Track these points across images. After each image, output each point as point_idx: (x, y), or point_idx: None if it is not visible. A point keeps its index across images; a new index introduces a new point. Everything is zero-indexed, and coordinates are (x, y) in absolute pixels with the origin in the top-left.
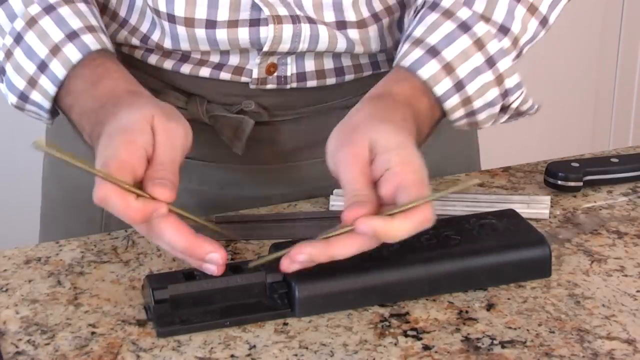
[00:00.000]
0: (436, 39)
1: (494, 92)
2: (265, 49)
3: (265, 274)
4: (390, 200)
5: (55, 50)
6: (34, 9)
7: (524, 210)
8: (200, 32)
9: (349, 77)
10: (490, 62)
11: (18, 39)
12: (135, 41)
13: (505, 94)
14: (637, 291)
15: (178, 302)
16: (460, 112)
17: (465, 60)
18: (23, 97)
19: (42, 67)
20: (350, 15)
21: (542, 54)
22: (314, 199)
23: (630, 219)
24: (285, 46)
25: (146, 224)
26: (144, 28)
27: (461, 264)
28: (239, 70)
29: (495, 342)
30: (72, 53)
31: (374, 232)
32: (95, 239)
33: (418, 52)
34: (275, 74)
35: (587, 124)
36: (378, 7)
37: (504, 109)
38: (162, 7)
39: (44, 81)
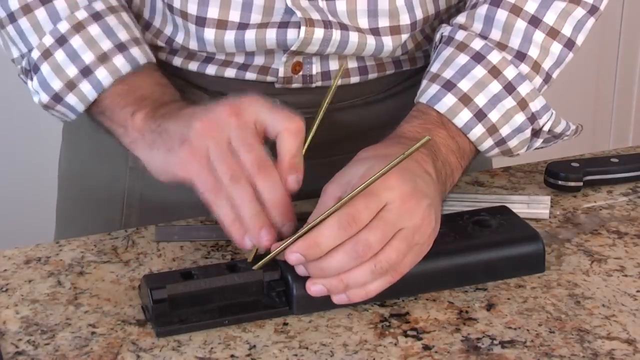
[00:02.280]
0: (451, 73)
1: (519, 118)
2: (293, 48)
3: (262, 272)
4: None
5: (103, 58)
6: (81, 14)
7: (523, 210)
8: (230, 35)
9: (372, 75)
10: (509, 87)
11: (61, 40)
12: (160, 43)
13: (532, 117)
14: (637, 291)
15: (176, 302)
16: (489, 142)
17: (483, 90)
18: (57, 98)
19: (86, 72)
20: (384, 22)
21: None
22: (313, 199)
23: (630, 219)
24: (313, 48)
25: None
26: (168, 31)
27: (456, 260)
28: (264, 69)
29: (495, 342)
30: (122, 64)
31: (301, 253)
32: (95, 239)
33: (435, 88)
34: (301, 72)
35: (587, 124)
36: (419, 15)
37: (535, 133)
38: (193, 11)
39: (84, 86)
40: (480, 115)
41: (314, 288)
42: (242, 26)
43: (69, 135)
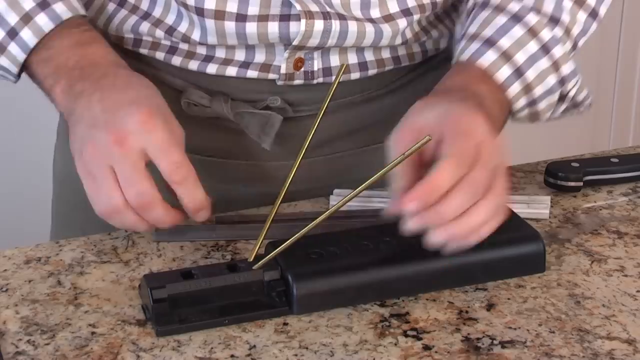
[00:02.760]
0: (491, 32)
1: (552, 79)
2: (295, 42)
3: (262, 272)
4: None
5: (26, 18)
6: None
7: (524, 210)
8: (230, 26)
9: (372, 71)
10: (545, 49)
11: None
12: (159, 33)
13: (562, 81)
14: (637, 291)
15: (176, 302)
16: (523, 101)
17: (521, 48)
18: None
19: (12, 34)
20: (375, 13)
21: None
22: (314, 199)
23: (630, 219)
24: (314, 41)
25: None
26: (170, 20)
27: (457, 260)
28: (266, 67)
29: (495, 342)
30: (44, 22)
31: (420, 200)
32: (95, 239)
33: (475, 45)
34: (302, 69)
35: (587, 124)
36: (411, 3)
37: (562, 98)
38: (191, 1)
39: (13, 48)
40: (518, 72)
41: (436, 237)
42: (241, 17)
43: (63, 135)
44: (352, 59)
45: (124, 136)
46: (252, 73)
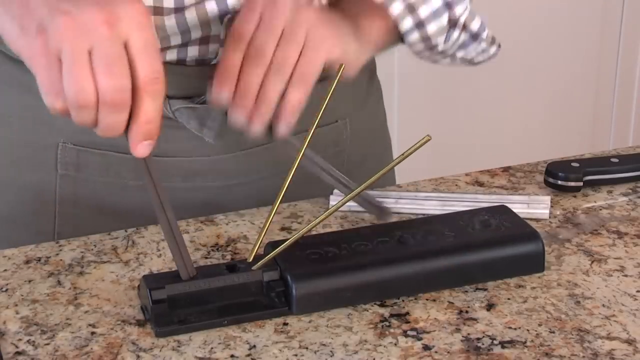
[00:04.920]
0: None
1: (436, 1)
2: (237, 6)
3: (262, 272)
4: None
5: None
6: None
7: (524, 210)
8: (170, 20)
9: None
10: None
11: None
12: None
13: (448, 4)
14: (637, 291)
15: (175, 302)
16: (409, 21)
17: None
18: None
19: None
20: None
21: (543, 54)
22: (313, 199)
23: (630, 219)
24: None
25: None
26: None
27: (456, 259)
28: (205, 39)
29: (495, 342)
30: None
31: (220, 85)
32: (95, 239)
33: None
34: None
35: (587, 124)
36: None
37: (453, 24)
38: None
39: None
40: None
41: (236, 116)
42: (179, 10)
43: None
44: None
45: (117, 18)
46: (192, 50)
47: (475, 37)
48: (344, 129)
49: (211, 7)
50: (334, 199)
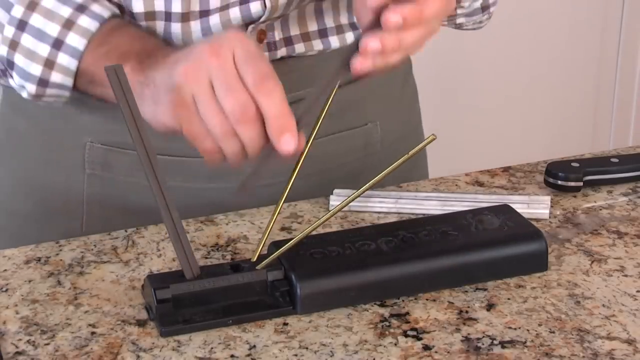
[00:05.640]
0: None
1: None
2: (263, 19)
3: (266, 272)
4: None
5: (68, 24)
6: None
7: (524, 211)
8: (195, 25)
9: (332, 38)
10: None
11: (21, 25)
12: None
13: None
14: (637, 291)
15: (180, 302)
16: None
17: None
18: (42, 82)
19: (57, 44)
20: None
21: (543, 53)
22: (313, 199)
23: (630, 219)
24: (279, 12)
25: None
26: None
27: (461, 259)
28: None
29: (495, 342)
30: (88, 23)
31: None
32: (95, 239)
33: None
34: (265, 40)
35: (587, 124)
36: None
37: None
38: (160, 7)
39: (62, 58)
40: None
41: (373, 44)
42: (204, 13)
43: (6, 143)
44: (312, 26)
45: (219, 46)
46: None
47: (484, 8)
48: (375, 131)
49: (235, 14)
50: (334, 199)
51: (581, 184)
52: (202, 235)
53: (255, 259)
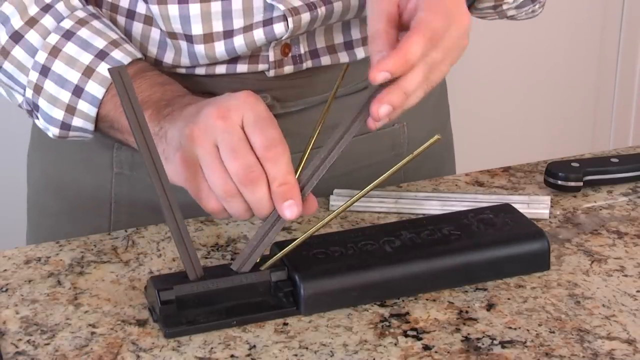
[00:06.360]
0: None
1: None
2: (285, 37)
3: (269, 272)
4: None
5: (88, 72)
6: (53, 38)
7: (524, 211)
8: (219, 45)
9: (357, 49)
10: None
11: (44, 71)
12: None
13: None
14: (637, 291)
15: (184, 303)
16: None
17: None
18: (65, 126)
19: (78, 91)
20: None
21: (543, 53)
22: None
23: (630, 219)
24: (302, 30)
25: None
26: (152, 53)
27: (463, 259)
28: (254, 58)
29: (495, 342)
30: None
31: (390, 71)
32: (95, 238)
33: None
34: (290, 54)
35: (587, 124)
36: None
37: None
38: (178, 29)
39: (83, 105)
40: None
41: (383, 110)
42: (228, 34)
43: (39, 144)
44: (338, 38)
45: (227, 109)
46: (241, 67)
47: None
48: (402, 132)
49: (259, 35)
50: (334, 199)
51: (581, 184)
52: (202, 235)
53: (258, 260)
